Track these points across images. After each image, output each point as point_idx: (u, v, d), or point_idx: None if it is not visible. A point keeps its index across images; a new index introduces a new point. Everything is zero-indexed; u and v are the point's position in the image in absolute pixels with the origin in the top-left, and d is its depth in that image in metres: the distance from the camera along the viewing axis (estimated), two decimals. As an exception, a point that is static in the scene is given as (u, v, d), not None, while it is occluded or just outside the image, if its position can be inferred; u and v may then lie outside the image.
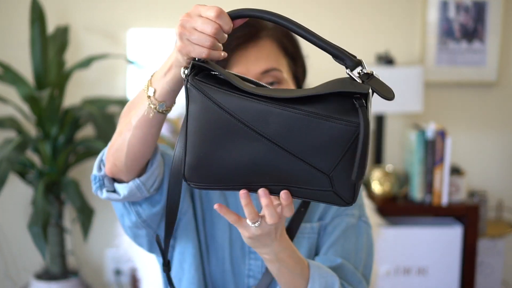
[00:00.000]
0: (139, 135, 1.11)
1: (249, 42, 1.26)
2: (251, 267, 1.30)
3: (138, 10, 3.03)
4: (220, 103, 0.95)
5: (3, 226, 3.08)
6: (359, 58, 0.99)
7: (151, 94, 1.07)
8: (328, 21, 3.10)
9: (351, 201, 0.98)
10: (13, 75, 2.73)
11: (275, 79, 1.26)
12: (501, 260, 3.08)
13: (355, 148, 0.94)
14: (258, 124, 0.94)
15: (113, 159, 1.15)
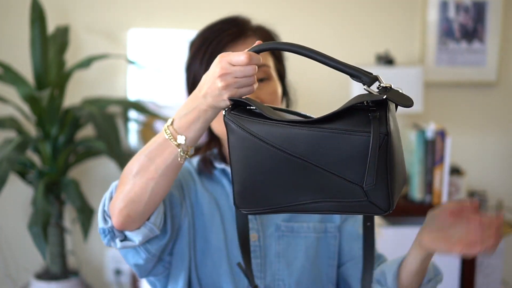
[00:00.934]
0: (165, 182, 1.13)
1: (238, 39, 1.31)
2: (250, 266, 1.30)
3: (138, 11, 3.03)
4: (253, 132, 1.03)
5: (3, 226, 3.08)
6: (375, 74, 1.04)
7: (182, 142, 1.09)
8: (328, 21, 3.10)
9: (387, 209, 1.02)
10: (13, 75, 2.73)
11: (265, 75, 1.31)
12: (501, 260, 3.08)
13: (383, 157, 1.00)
14: (288, 146, 1.02)
15: (126, 211, 1.14)
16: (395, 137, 1.01)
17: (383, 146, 0.99)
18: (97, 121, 2.56)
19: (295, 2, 3.06)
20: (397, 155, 1.02)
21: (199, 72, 1.30)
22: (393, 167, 1.00)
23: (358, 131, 0.99)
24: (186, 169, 1.38)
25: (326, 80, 3.08)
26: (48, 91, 2.54)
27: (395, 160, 1.01)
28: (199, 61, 1.31)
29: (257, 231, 1.33)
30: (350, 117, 1.02)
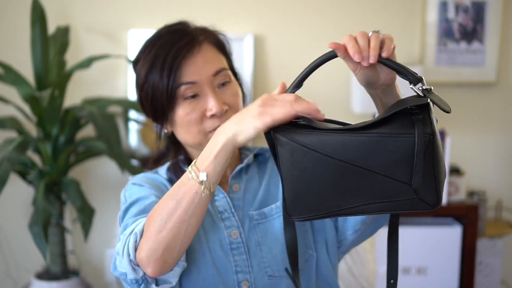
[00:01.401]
0: (196, 222, 1.13)
1: (193, 48, 1.29)
2: (237, 263, 1.31)
3: (138, 11, 3.04)
4: (304, 143, 1.08)
5: (4, 226, 3.09)
6: (420, 75, 1.12)
7: (204, 179, 1.10)
8: (328, 21, 3.11)
9: (436, 204, 1.07)
10: (14, 76, 2.74)
11: (226, 78, 1.31)
12: (500, 259, 3.09)
13: (430, 155, 1.06)
14: (338, 153, 1.07)
15: (163, 260, 1.13)
16: (438, 136, 1.07)
17: (430, 146, 1.06)
18: (97, 121, 2.57)
19: (295, 2, 3.07)
20: (441, 152, 1.08)
21: (158, 86, 1.29)
22: (439, 165, 1.06)
23: (404, 133, 1.06)
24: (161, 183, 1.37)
25: (327, 80, 3.08)
26: (48, 91, 2.54)
27: (440, 158, 1.07)
28: (158, 77, 1.29)
29: (237, 228, 1.34)
30: (395, 121, 1.08)
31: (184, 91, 1.28)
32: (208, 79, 1.29)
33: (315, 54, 1.20)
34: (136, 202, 1.29)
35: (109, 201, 3.07)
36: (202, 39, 1.32)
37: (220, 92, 1.30)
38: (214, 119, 1.28)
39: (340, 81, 3.10)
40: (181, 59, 1.28)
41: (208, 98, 1.28)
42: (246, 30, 3.00)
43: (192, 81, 1.28)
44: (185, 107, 1.29)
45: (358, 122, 1.13)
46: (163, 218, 1.12)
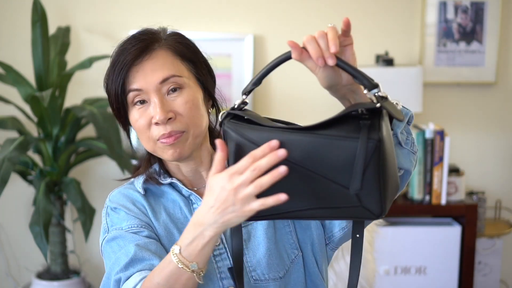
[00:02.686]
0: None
1: (143, 55, 1.28)
2: (221, 270, 1.31)
3: (139, 11, 3.04)
4: (251, 139, 1.06)
5: (5, 225, 3.10)
6: (376, 82, 1.07)
7: (195, 268, 1.12)
8: (328, 21, 3.10)
9: (380, 213, 1.04)
10: (15, 76, 2.74)
11: (176, 85, 1.28)
12: (499, 259, 3.10)
13: (375, 162, 1.01)
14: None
15: None
16: (387, 144, 1.02)
17: (376, 152, 1.01)
18: (98, 121, 2.57)
19: (295, 2, 3.07)
20: (389, 161, 1.03)
21: (111, 93, 1.31)
22: (385, 173, 1.02)
23: (351, 137, 1.01)
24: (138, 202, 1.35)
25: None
26: (49, 91, 2.55)
27: (387, 166, 1.02)
28: (111, 84, 1.30)
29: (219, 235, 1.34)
30: (345, 124, 1.04)
31: (132, 98, 1.29)
32: (154, 86, 1.27)
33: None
34: (117, 239, 1.28)
35: (109, 201, 3.07)
36: (157, 46, 1.30)
37: (169, 99, 1.27)
38: (159, 127, 1.27)
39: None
40: (129, 65, 1.28)
41: (152, 105, 1.27)
42: (246, 30, 3.01)
43: (137, 88, 1.27)
44: (134, 113, 1.30)
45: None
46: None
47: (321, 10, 3.10)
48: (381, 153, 1.01)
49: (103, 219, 1.35)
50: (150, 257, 1.24)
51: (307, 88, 3.07)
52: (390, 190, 1.04)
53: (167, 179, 1.35)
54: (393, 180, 1.05)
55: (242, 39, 2.99)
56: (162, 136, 1.26)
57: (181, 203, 1.34)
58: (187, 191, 1.33)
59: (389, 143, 1.05)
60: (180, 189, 1.34)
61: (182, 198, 1.34)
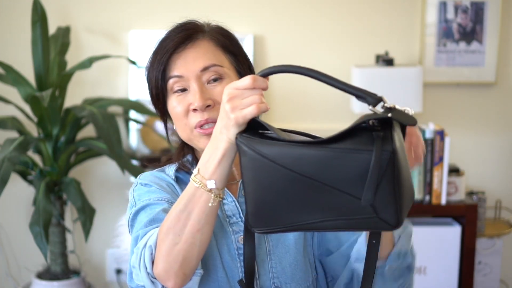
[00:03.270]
0: (209, 229, 1.15)
1: (186, 44, 1.31)
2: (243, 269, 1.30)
3: (139, 12, 3.04)
4: (264, 153, 1.07)
5: (5, 225, 3.10)
6: (380, 95, 1.08)
7: (213, 186, 1.12)
8: (328, 22, 3.11)
9: (396, 224, 1.04)
10: (15, 76, 2.74)
11: (217, 75, 1.30)
12: (499, 259, 3.10)
13: (390, 173, 1.02)
14: (298, 166, 1.05)
15: (182, 271, 1.14)
16: (401, 154, 1.03)
17: (390, 163, 1.02)
18: (98, 121, 2.57)
19: (295, 3, 3.07)
20: (403, 171, 1.04)
21: (152, 80, 1.32)
22: (400, 184, 1.03)
23: (363, 150, 1.03)
24: (169, 183, 1.36)
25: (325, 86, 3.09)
26: (49, 91, 2.55)
27: (402, 176, 1.03)
28: (152, 71, 1.31)
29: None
30: (357, 136, 1.05)
31: (172, 85, 1.29)
32: (195, 74, 1.28)
33: (314, 54, 1.21)
34: (145, 207, 1.28)
35: (109, 201, 3.08)
36: (201, 36, 1.33)
37: (209, 88, 1.29)
38: (196, 114, 1.27)
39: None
40: (171, 53, 1.30)
41: (192, 92, 1.28)
42: (246, 30, 3.01)
43: (178, 74, 1.28)
44: (173, 101, 1.30)
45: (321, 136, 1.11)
46: (176, 231, 1.13)
47: (321, 10, 3.10)
48: (395, 164, 1.02)
49: (130, 196, 1.35)
50: None
51: (312, 87, 3.07)
52: (405, 200, 1.05)
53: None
54: (408, 190, 1.06)
55: (242, 39, 3.00)
56: (199, 123, 1.27)
57: None
58: None
59: (402, 153, 1.05)
60: None
61: None
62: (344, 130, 1.05)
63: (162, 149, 2.99)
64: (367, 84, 2.91)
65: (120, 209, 2.26)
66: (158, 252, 1.15)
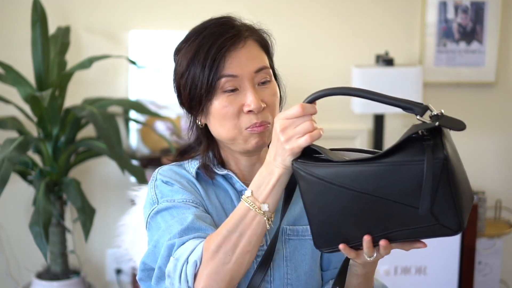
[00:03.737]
0: (256, 251, 1.19)
1: (238, 43, 1.29)
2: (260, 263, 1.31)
3: (139, 12, 3.04)
4: (321, 176, 1.11)
5: (4, 225, 3.10)
6: (426, 104, 1.11)
7: (266, 209, 1.17)
8: (328, 22, 3.11)
9: (458, 229, 1.07)
10: (15, 76, 2.74)
11: (267, 77, 1.31)
12: (499, 259, 3.10)
13: (445, 180, 1.05)
14: (356, 184, 1.09)
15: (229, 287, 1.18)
16: (454, 160, 1.06)
17: (444, 171, 1.05)
18: (98, 121, 2.57)
19: (295, 3, 3.07)
20: (459, 175, 1.07)
21: (199, 79, 1.27)
22: (457, 188, 1.05)
23: (416, 160, 1.06)
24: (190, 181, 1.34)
25: (327, 80, 3.09)
26: (49, 91, 2.54)
27: (458, 181, 1.06)
28: (200, 67, 1.27)
29: (264, 236, 1.31)
30: (408, 148, 1.08)
31: (224, 84, 1.26)
32: (249, 74, 1.27)
33: (315, 54, 1.21)
34: (170, 209, 1.27)
35: (109, 201, 3.07)
36: (248, 35, 1.32)
37: (259, 90, 1.28)
38: (251, 115, 1.26)
39: (340, 81, 3.11)
40: (225, 51, 1.27)
41: (247, 93, 1.26)
42: (246, 31, 3.01)
43: (233, 74, 1.26)
44: (223, 100, 1.27)
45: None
46: (227, 250, 1.16)
47: (321, 10, 3.10)
48: (449, 170, 1.05)
49: (151, 192, 1.33)
50: (207, 227, 1.24)
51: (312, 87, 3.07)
52: (465, 204, 1.08)
53: (222, 170, 1.34)
54: (466, 192, 1.09)
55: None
56: (254, 124, 1.27)
57: (233, 196, 1.34)
58: (241, 185, 1.33)
59: (455, 158, 1.08)
60: (234, 182, 1.34)
61: (233, 192, 1.34)
62: (396, 143, 1.08)
63: (162, 149, 2.99)
64: (367, 84, 2.91)
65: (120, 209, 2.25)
66: (204, 269, 1.17)
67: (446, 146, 1.06)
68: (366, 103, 2.92)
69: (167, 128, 2.99)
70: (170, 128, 2.98)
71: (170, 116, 2.98)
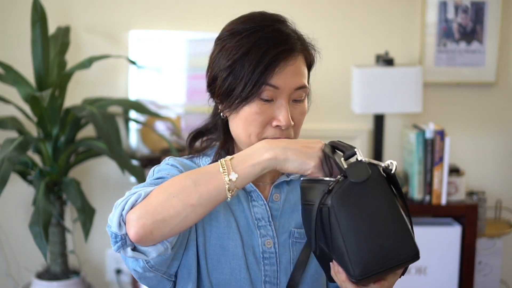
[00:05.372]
0: (200, 212, 1.14)
1: (290, 57, 1.27)
2: (267, 273, 1.31)
3: (139, 12, 3.04)
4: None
5: (4, 225, 3.10)
6: (355, 148, 1.16)
7: (233, 179, 1.13)
8: (328, 22, 3.11)
9: (354, 276, 1.10)
10: (15, 76, 2.74)
11: (303, 96, 1.30)
12: (499, 259, 3.10)
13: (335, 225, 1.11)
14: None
15: (150, 229, 1.12)
16: (345, 209, 1.08)
17: (332, 216, 1.10)
18: (97, 121, 2.57)
19: (295, 2, 3.07)
20: (350, 225, 1.08)
21: (244, 79, 1.25)
22: (348, 236, 1.08)
23: (311, 204, 1.15)
24: None
25: (327, 80, 3.09)
26: (49, 91, 2.54)
27: (348, 230, 1.09)
28: (249, 69, 1.24)
29: (272, 238, 1.32)
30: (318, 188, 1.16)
31: (264, 92, 1.25)
32: (290, 90, 1.26)
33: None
34: (161, 178, 1.26)
35: (109, 201, 3.06)
36: (298, 48, 1.29)
37: (291, 106, 1.27)
38: (277, 130, 1.26)
39: (340, 81, 3.11)
40: (278, 62, 1.25)
41: (281, 108, 1.26)
42: (246, 31, 3.00)
43: (276, 85, 1.25)
44: (256, 106, 1.26)
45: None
46: (173, 192, 1.13)
47: (321, 10, 3.10)
48: (331, 218, 1.09)
49: (151, 171, 1.33)
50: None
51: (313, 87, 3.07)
52: (367, 254, 1.09)
53: None
54: (370, 247, 1.09)
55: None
56: (274, 137, 1.26)
57: (241, 196, 1.34)
58: (251, 186, 1.33)
59: (353, 207, 1.09)
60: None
61: (242, 191, 1.34)
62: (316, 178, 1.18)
63: (162, 149, 2.99)
64: (367, 84, 2.91)
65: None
66: (143, 200, 1.14)
67: (340, 194, 1.10)
68: (366, 103, 2.92)
69: (167, 128, 2.99)
70: (170, 128, 2.98)
71: (170, 116, 2.98)
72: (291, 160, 1.16)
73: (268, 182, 1.36)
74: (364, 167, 1.11)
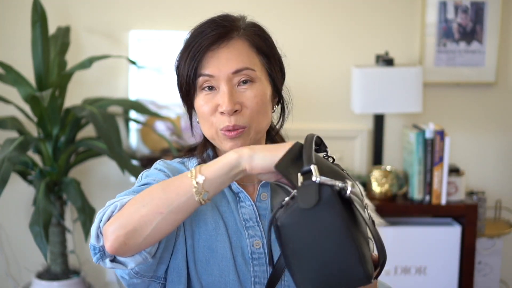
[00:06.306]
0: (171, 221, 1.13)
1: (220, 42, 1.28)
2: (256, 273, 1.30)
3: (139, 12, 3.04)
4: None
5: (4, 225, 3.10)
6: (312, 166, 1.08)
7: (200, 181, 1.11)
8: (328, 22, 3.11)
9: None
10: (15, 76, 2.74)
11: (248, 78, 1.28)
12: (499, 259, 3.10)
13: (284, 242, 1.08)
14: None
15: (123, 240, 1.12)
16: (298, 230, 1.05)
17: (276, 233, 1.08)
18: (98, 121, 2.57)
19: (295, 2, 3.07)
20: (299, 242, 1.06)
21: (182, 74, 1.29)
22: (294, 256, 1.06)
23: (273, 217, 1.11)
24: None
25: (327, 80, 3.09)
26: (49, 91, 2.54)
27: (295, 248, 1.06)
28: (183, 65, 1.29)
29: (261, 238, 1.32)
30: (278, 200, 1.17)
31: (202, 83, 1.27)
32: (226, 75, 1.26)
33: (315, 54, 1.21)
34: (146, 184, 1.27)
35: (109, 201, 3.07)
36: (236, 35, 1.30)
37: (238, 90, 1.27)
38: (224, 117, 1.26)
39: (340, 81, 3.11)
40: (205, 51, 1.26)
41: (221, 94, 1.26)
42: (246, 31, 3.00)
43: (209, 74, 1.26)
44: (201, 98, 1.28)
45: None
46: (143, 202, 1.13)
47: (320, 10, 3.10)
48: (282, 236, 1.06)
49: (139, 176, 1.34)
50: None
51: (313, 87, 3.07)
52: (315, 280, 1.06)
53: None
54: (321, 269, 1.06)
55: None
56: (226, 127, 1.25)
57: (229, 197, 1.34)
58: (237, 187, 1.33)
59: (304, 231, 1.06)
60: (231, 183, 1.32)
61: (230, 193, 1.34)
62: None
63: (162, 149, 2.99)
64: (367, 84, 2.91)
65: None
66: (118, 212, 1.15)
67: (290, 212, 1.05)
68: (366, 103, 2.92)
69: (167, 128, 2.99)
70: (170, 128, 2.98)
71: (170, 116, 2.98)
72: (258, 157, 1.13)
73: (256, 182, 1.35)
74: (314, 191, 1.05)
